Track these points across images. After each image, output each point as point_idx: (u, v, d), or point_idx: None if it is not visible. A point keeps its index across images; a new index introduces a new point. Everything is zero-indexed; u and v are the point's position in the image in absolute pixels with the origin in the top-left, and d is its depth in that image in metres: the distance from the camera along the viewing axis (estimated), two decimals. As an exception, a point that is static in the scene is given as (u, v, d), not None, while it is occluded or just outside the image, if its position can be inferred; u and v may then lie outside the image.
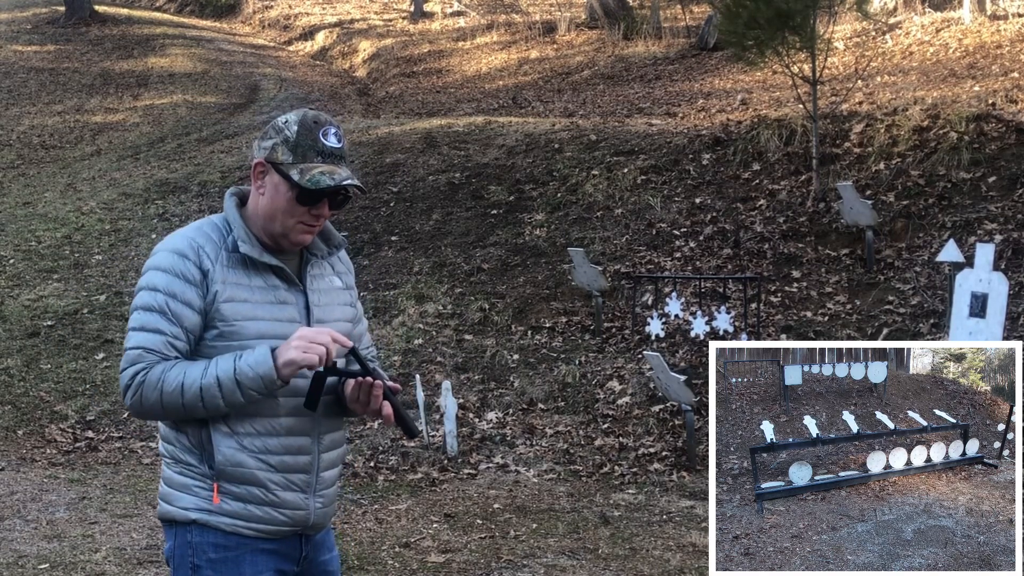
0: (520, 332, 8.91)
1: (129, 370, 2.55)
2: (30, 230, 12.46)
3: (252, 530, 2.58)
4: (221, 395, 2.48)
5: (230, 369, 2.48)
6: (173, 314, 2.52)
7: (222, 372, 2.48)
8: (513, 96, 17.85)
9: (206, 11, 29.43)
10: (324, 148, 2.56)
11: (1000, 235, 8.39)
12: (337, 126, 2.62)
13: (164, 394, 2.49)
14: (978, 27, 15.00)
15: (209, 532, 2.56)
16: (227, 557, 2.57)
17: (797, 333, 8.10)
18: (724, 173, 10.48)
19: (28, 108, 19.97)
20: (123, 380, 2.56)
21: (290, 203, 2.56)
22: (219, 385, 2.47)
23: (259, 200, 2.61)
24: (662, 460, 7.06)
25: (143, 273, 2.61)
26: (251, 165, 2.64)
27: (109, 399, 8.41)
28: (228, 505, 2.56)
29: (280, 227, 2.59)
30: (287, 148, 2.56)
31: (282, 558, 2.64)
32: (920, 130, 9.85)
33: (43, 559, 5.49)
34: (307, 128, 2.56)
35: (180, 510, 2.58)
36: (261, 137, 2.63)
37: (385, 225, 11.18)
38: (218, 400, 2.48)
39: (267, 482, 2.57)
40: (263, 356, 2.48)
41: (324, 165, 2.55)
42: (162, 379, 2.50)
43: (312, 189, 2.53)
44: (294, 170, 2.54)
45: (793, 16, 9.35)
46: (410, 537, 5.85)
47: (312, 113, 2.61)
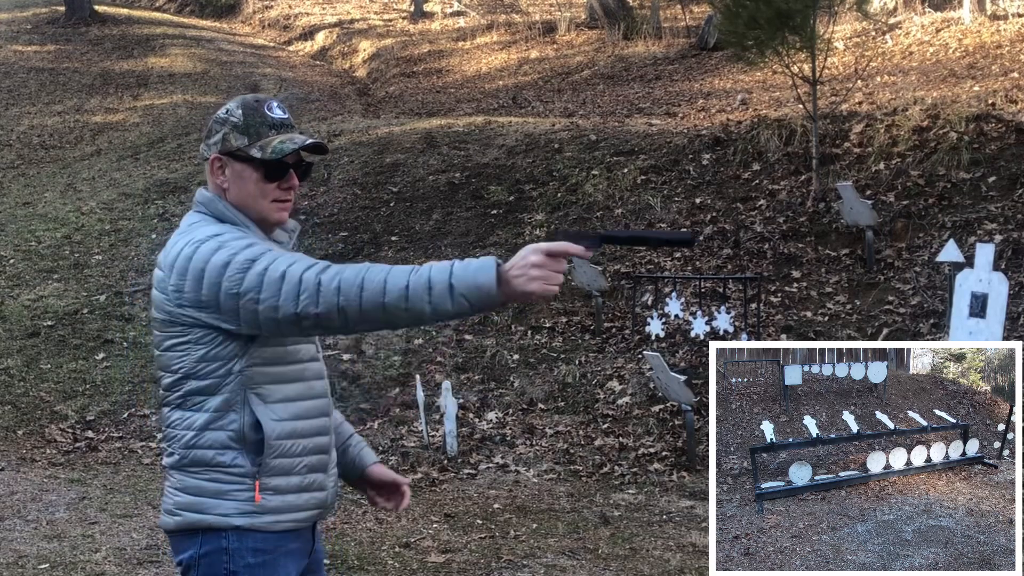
0: (520, 332, 8.91)
1: (315, 267, 2.32)
2: (30, 230, 12.46)
3: (292, 522, 2.58)
4: (429, 298, 2.24)
5: (446, 271, 2.24)
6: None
7: (436, 274, 2.24)
8: (513, 96, 17.85)
9: (206, 11, 29.42)
10: (274, 121, 2.58)
11: (1000, 235, 8.39)
12: (278, 100, 2.64)
13: (365, 287, 2.27)
14: (978, 27, 15.00)
15: (249, 537, 2.52)
16: (265, 561, 2.55)
17: (797, 333, 8.10)
18: (724, 173, 10.48)
19: (28, 108, 19.97)
20: (310, 277, 2.29)
21: (258, 184, 2.57)
22: (430, 287, 2.25)
23: (226, 195, 2.60)
24: (662, 460, 7.06)
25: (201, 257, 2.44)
26: (207, 167, 2.62)
27: (109, 399, 8.41)
28: (269, 501, 2.54)
29: (255, 212, 2.59)
30: (238, 132, 2.56)
31: (302, 555, 2.66)
32: (920, 130, 9.85)
33: (43, 559, 5.49)
34: (251, 108, 2.58)
35: (219, 517, 2.51)
36: (206, 136, 2.63)
37: (385, 225, 11.18)
38: (424, 304, 2.24)
39: (300, 467, 2.58)
40: (488, 267, 2.23)
41: (281, 134, 2.57)
42: (363, 274, 2.28)
43: (279, 159, 2.54)
44: (253, 149, 2.55)
45: (793, 16, 9.35)
46: (410, 537, 5.85)
47: (250, 95, 2.65)
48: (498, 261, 2.25)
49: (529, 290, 2.22)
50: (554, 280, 2.23)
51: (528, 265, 2.23)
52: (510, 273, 2.23)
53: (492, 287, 2.21)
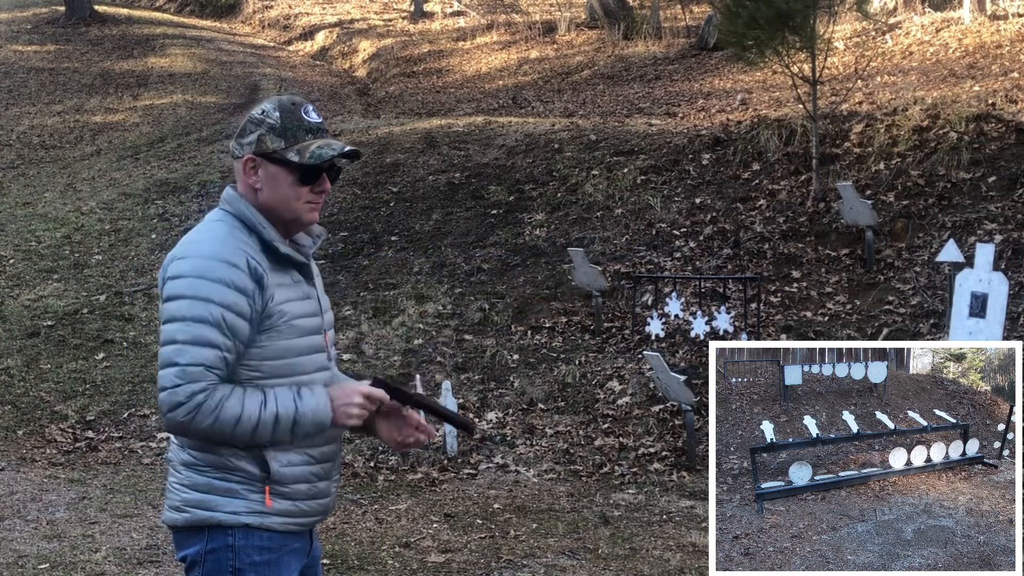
0: (520, 332, 8.91)
1: (187, 387, 2.45)
2: (30, 230, 12.46)
3: (298, 525, 2.62)
4: (272, 432, 2.52)
5: (291, 409, 2.52)
6: (229, 327, 2.48)
7: (283, 410, 2.52)
8: (513, 96, 17.85)
9: (206, 11, 29.42)
10: (311, 125, 2.60)
11: (1000, 235, 8.39)
12: (312, 103, 2.67)
13: (218, 421, 2.46)
14: (978, 27, 14.99)
15: (256, 535, 2.55)
16: (270, 560, 2.58)
17: (797, 333, 8.10)
18: (724, 173, 10.48)
19: (28, 108, 19.97)
20: (178, 395, 2.45)
21: (293, 187, 2.58)
22: (276, 423, 2.51)
23: (258, 196, 2.61)
24: (662, 460, 7.06)
25: (179, 277, 2.52)
26: (238, 166, 2.62)
27: (109, 399, 8.41)
28: (280, 504, 2.57)
29: (290, 214, 2.61)
30: (275, 135, 2.57)
31: (302, 555, 2.68)
32: (920, 130, 9.85)
33: (43, 559, 5.49)
34: (288, 111, 2.59)
35: (229, 515, 2.54)
36: (239, 135, 2.62)
37: (385, 225, 11.18)
38: (267, 435, 2.52)
39: (310, 476, 2.62)
40: (323, 405, 2.55)
41: (318, 139, 2.59)
42: (220, 407, 2.46)
43: (317, 164, 2.56)
44: (291, 152, 2.56)
45: (793, 16, 9.35)
46: (410, 537, 5.85)
47: (286, 97, 2.65)
48: (329, 394, 2.58)
49: (344, 423, 2.60)
50: (363, 416, 2.62)
51: (351, 404, 2.60)
52: (336, 403, 2.59)
53: (327, 422, 2.57)
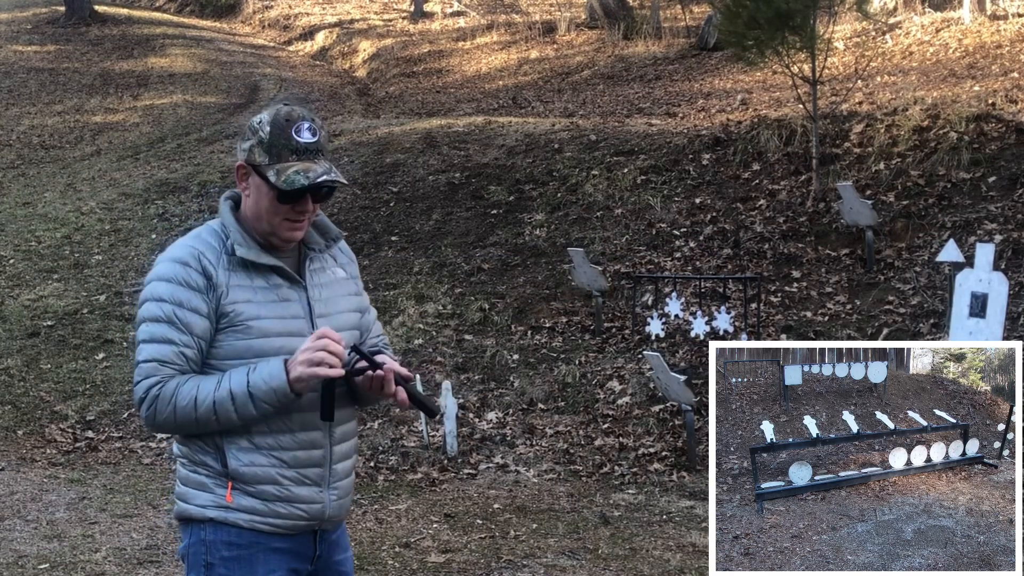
0: (520, 332, 8.91)
1: (143, 383, 2.54)
2: (30, 230, 12.46)
3: (269, 525, 2.59)
4: (234, 408, 2.49)
5: (243, 382, 2.49)
6: (182, 322, 2.52)
7: (235, 385, 2.49)
8: (513, 96, 17.85)
9: (206, 11, 29.43)
10: (298, 146, 2.56)
11: (1000, 235, 8.39)
12: (312, 119, 2.61)
13: (177, 408, 2.50)
14: (978, 27, 14.99)
15: (223, 530, 2.57)
16: (240, 555, 2.58)
17: (797, 333, 8.10)
18: (724, 173, 10.48)
19: (28, 108, 19.97)
20: (137, 393, 2.55)
21: (272, 203, 2.58)
22: (232, 399, 2.49)
23: (247, 201, 2.63)
24: (662, 460, 7.06)
25: (145, 285, 2.62)
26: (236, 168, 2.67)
27: (109, 399, 8.41)
28: (244, 501, 2.57)
29: (268, 226, 2.61)
30: (262, 150, 2.57)
31: (296, 557, 2.65)
32: (920, 130, 9.85)
33: (43, 559, 5.49)
34: (279, 127, 2.57)
35: (197, 508, 2.59)
36: (241, 138, 2.66)
37: (385, 225, 11.18)
38: (231, 414, 2.50)
39: (280, 479, 2.59)
40: (276, 369, 2.49)
41: (299, 163, 2.55)
42: (176, 393, 2.50)
43: (287, 190, 2.55)
44: (270, 171, 2.56)
45: (793, 16, 9.35)
46: (410, 537, 5.85)
47: (285, 110, 2.61)
48: (285, 357, 2.50)
49: (296, 375, 2.47)
50: (316, 359, 2.46)
51: (300, 358, 2.48)
52: (289, 365, 2.49)
53: (284, 387, 2.48)
